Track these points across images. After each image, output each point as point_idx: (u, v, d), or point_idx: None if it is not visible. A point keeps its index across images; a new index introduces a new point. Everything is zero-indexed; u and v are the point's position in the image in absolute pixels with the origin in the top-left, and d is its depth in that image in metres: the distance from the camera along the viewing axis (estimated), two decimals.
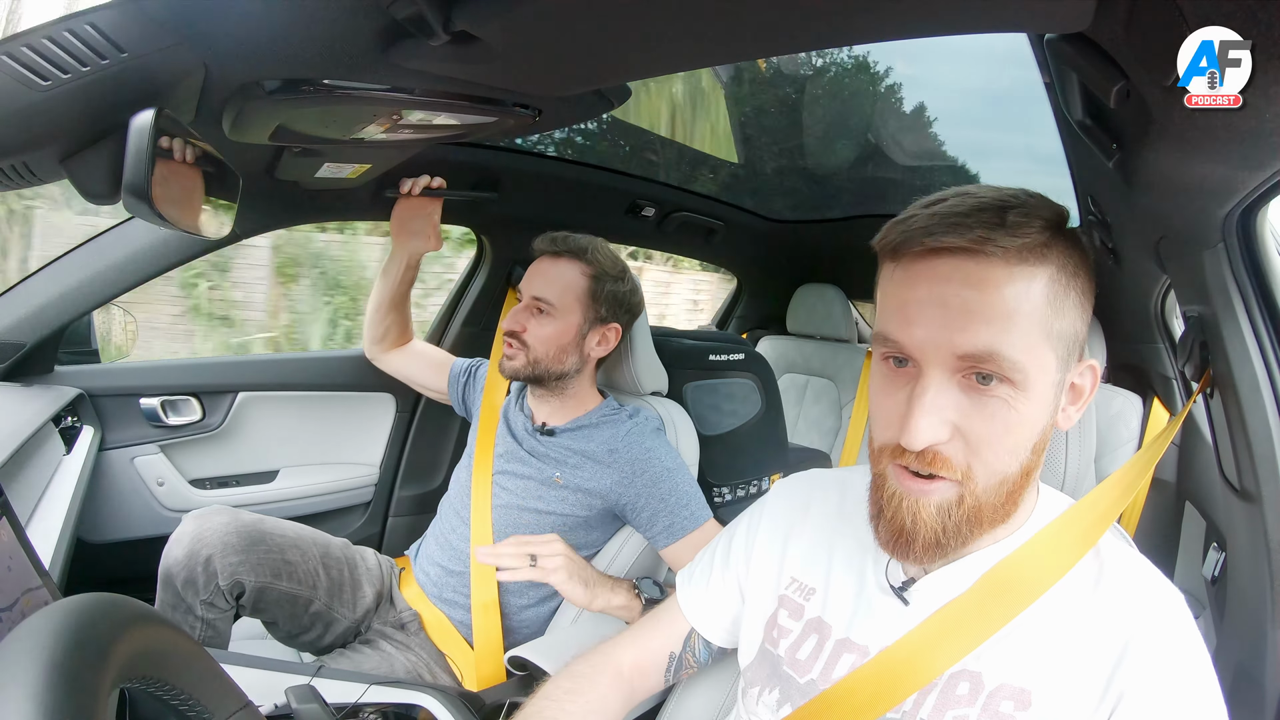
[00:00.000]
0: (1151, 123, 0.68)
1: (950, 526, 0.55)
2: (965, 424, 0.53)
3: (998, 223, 0.52)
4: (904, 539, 0.56)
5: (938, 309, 0.53)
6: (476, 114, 0.99)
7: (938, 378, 0.53)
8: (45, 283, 1.31)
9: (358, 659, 1.17)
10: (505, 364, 1.26)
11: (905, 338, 0.54)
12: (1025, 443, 0.55)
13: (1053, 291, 0.53)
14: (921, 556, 0.56)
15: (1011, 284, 0.52)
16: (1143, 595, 0.56)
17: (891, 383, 0.56)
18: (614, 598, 1.05)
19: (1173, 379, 1.60)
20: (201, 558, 1.11)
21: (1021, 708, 0.55)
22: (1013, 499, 0.57)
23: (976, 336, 0.51)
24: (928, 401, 0.52)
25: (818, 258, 2.56)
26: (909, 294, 0.55)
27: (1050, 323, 0.53)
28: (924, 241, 0.53)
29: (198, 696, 0.44)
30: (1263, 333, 0.91)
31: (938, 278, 0.53)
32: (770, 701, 0.67)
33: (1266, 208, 0.84)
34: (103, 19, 0.62)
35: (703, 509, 1.19)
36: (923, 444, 0.53)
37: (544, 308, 1.24)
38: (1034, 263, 0.53)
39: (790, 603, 0.70)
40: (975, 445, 0.53)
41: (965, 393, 0.53)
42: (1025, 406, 0.53)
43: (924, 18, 0.71)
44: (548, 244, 1.27)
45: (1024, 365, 0.52)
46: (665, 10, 0.71)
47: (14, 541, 0.64)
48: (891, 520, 0.57)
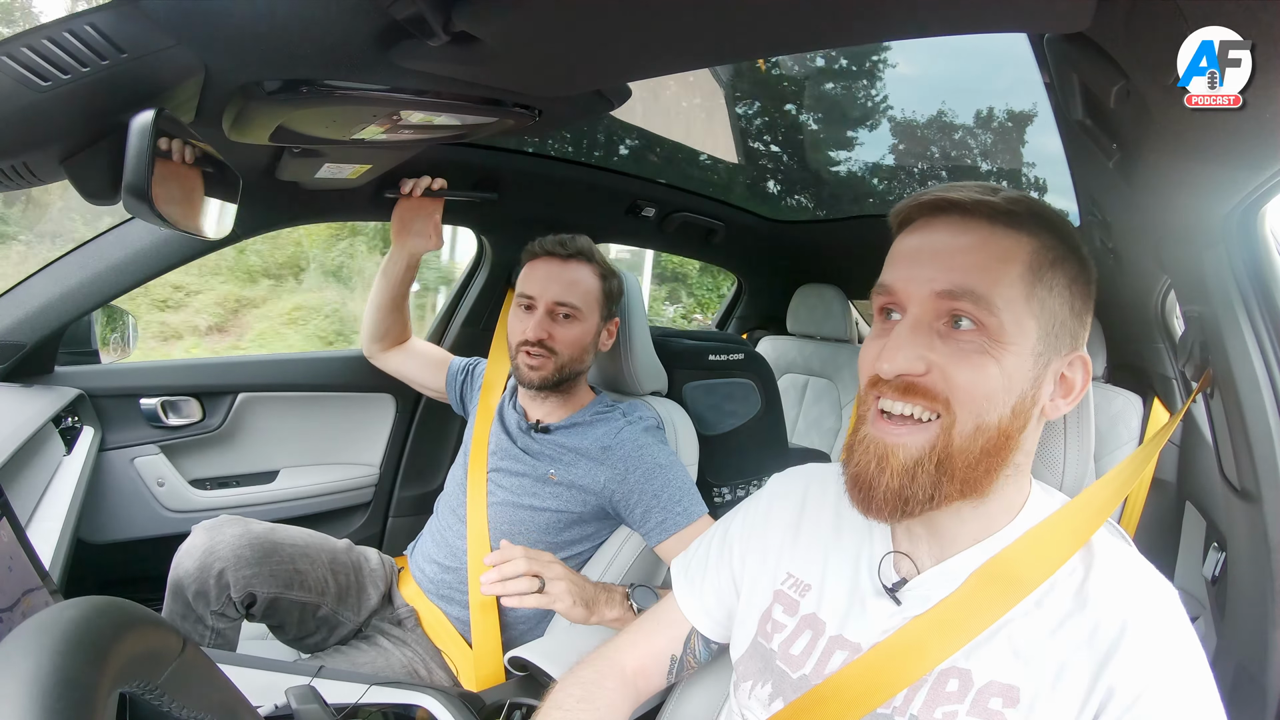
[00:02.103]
0: (1151, 123, 0.68)
1: (919, 479, 0.56)
2: (944, 363, 0.56)
3: (992, 194, 0.58)
4: (866, 484, 0.58)
5: (925, 253, 0.59)
6: (476, 114, 0.99)
7: (915, 316, 0.57)
8: (45, 283, 1.30)
9: (354, 655, 1.18)
10: (531, 373, 1.23)
11: (891, 278, 0.60)
12: (1003, 395, 0.56)
13: (1036, 261, 0.57)
14: (882, 507, 0.57)
15: (995, 242, 0.57)
16: (1134, 591, 0.56)
17: (878, 331, 0.61)
18: (609, 611, 1.05)
19: (1173, 379, 1.60)
20: (214, 571, 1.10)
21: (1010, 704, 0.55)
22: (987, 465, 0.57)
23: (952, 275, 0.56)
24: (906, 334, 0.57)
25: (818, 258, 2.56)
26: (906, 245, 0.61)
27: (1031, 287, 0.56)
28: (927, 200, 0.60)
29: (197, 699, 0.44)
30: (1263, 333, 0.91)
31: (931, 230, 0.60)
32: (763, 696, 0.67)
33: (1266, 208, 0.84)
34: (102, 20, 0.62)
35: (696, 505, 1.19)
36: (893, 371, 0.56)
37: (570, 312, 1.25)
38: (1021, 231, 0.58)
39: (785, 598, 0.70)
40: (952, 384, 0.55)
41: (944, 339, 0.57)
42: (1003, 357, 0.55)
43: (924, 18, 0.70)
44: (556, 247, 1.27)
45: (998, 309, 0.55)
46: (665, 10, 0.71)
47: (14, 542, 0.64)
48: (857, 464, 0.59)
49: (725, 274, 2.94)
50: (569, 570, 1.02)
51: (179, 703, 0.41)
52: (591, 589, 1.04)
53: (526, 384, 1.26)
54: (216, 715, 0.44)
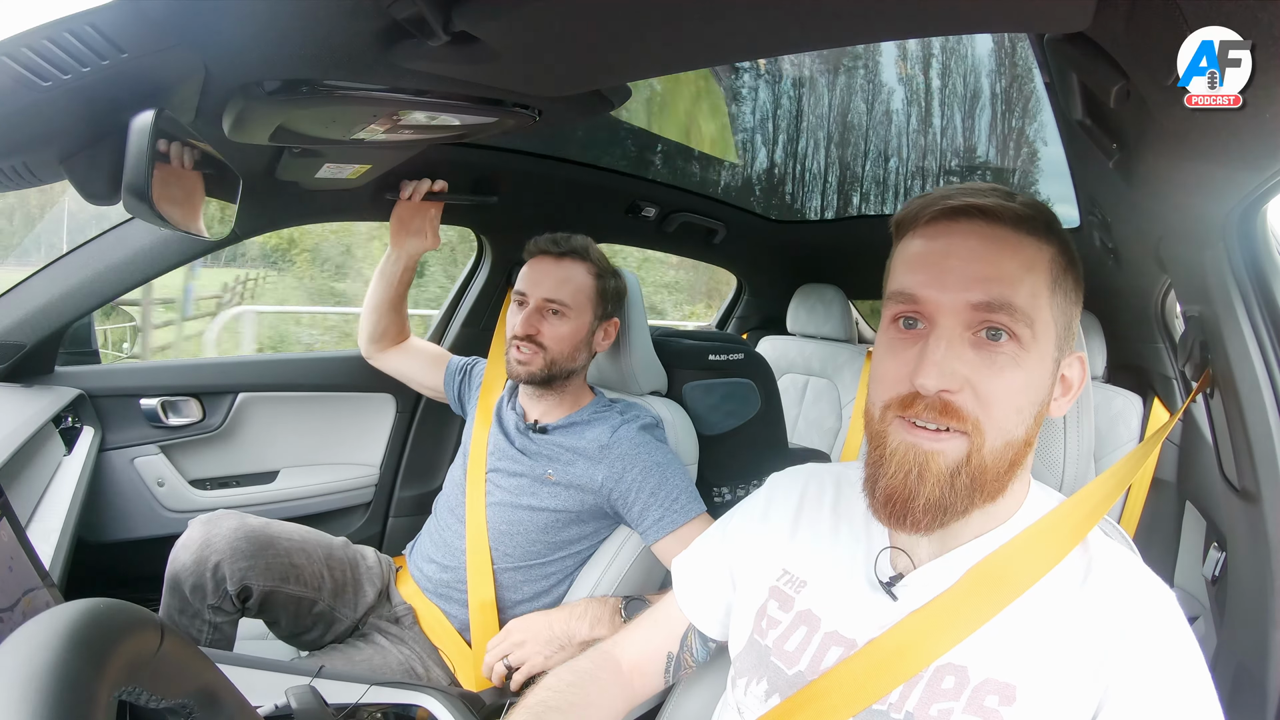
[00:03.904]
0: (1151, 123, 0.68)
1: (957, 487, 0.55)
2: (975, 378, 0.54)
3: (1009, 197, 0.58)
4: (903, 497, 0.55)
5: (955, 261, 0.56)
6: (476, 114, 0.99)
7: (949, 330, 0.55)
8: (45, 284, 1.31)
9: (351, 653, 1.18)
10: (519, 368, 1.25)
11: (920, 290, 0.56)
12: (1030, 406, 0.56)
13: (1056, 268, 0.57)
14: (920, 519, 0.55)
15: (1023, 248, 0.56)
16: (1131, 591, 0.57)
17: (899, 344, 0.58)
18: (596, 630, 1.09)
19: (1173, 379, 1.60)
20: (210, 564, 1.11)
21: (1006, 702, 0.55)
22: (1013, 470, 0.57)
23: (990, 287, 0.54)
24: (942, 348, 0.54)
25: (818, 258, 2.56)
26: (927, 250, 0.57)
27: (1053, 296, 0.57)
28: (944, 202, 0.57)
29: (197, 701, 0.44)
30: (1263, 333, 0.91)
31: (955, 233, 0.57)
32: (759, 692, 0.67)
33: (1266, 208, 0.84)
34: (103, 20, 0.62)
35: (693, 502, 1.19)
36: (936, 386, 0.54)
37: (559, 309, 1.26)
38: (1041, 239, 0.57)
39: (780, 594, 0.70)
40: (985, 400, 0.54)
41: (975, 349, 0.55)
42: (1031, 366, 0.55)
43: (925, 17, 0.71)
44: (549, 245, 1.28)
45: (1032, 321, 0.55)
46: (665, 10, 0.71)
47: (14, 542, 0.64)
48: (893, 476, 0.56)
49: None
50: (524, 628, 1.10)
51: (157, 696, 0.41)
52: (562, 625, 1.10)
53: (515, 378, 1.28)
54: (197, 700, 0.44)
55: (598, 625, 1.10)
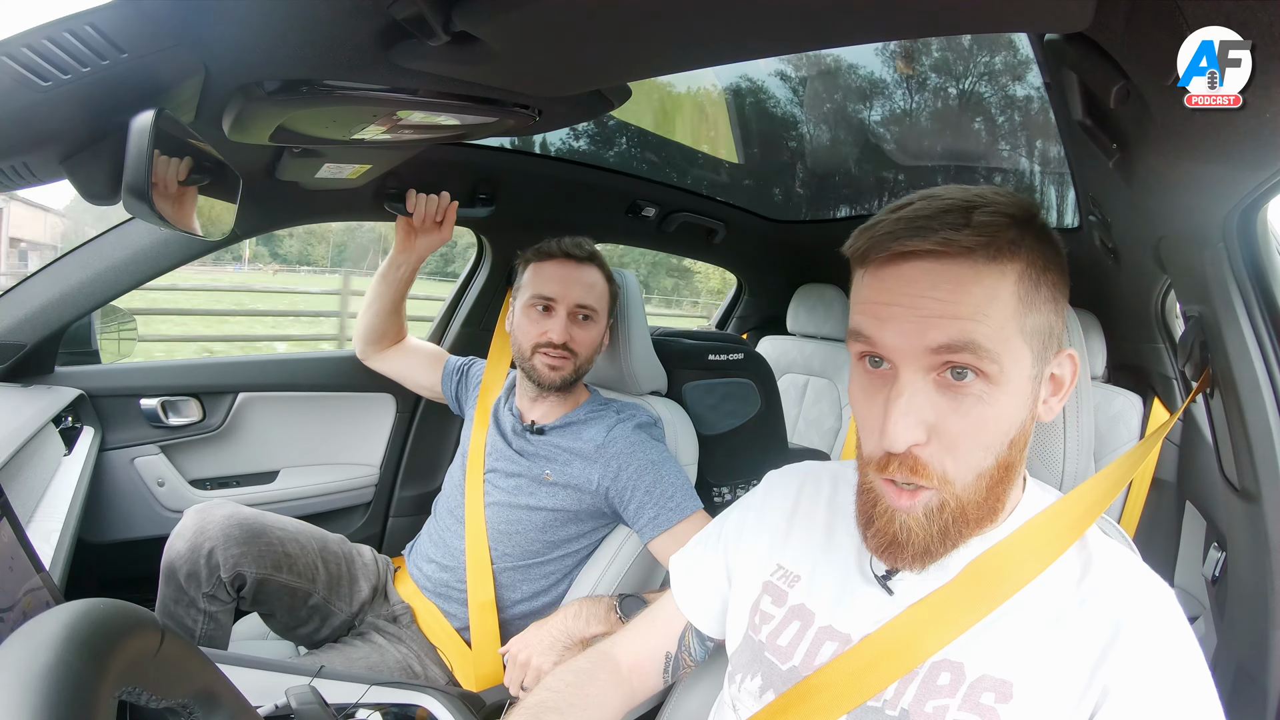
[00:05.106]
0: (1151, 123, 0.68)
1: (938, 531, 0.56)
2: (941, 423, 0.53)
3: (964, 223, 0.52)
4: (894, 546, 0.57)
5: (908, 311, 0.53)
6: (476, 114, 0.99)
7: (911, 378, 0.53)
8: (45, 284, 1.31)
9: (349, 651, 1.18)
10: (552, 374, 1.25)
11: (878, 336, 0.55)
12: (1000, 438, 0.55)
13: (1023, 288, 0.54)
14: (912, 563, 0.57)
15: (979, 283, 0.52)
16: (1129, 589, 0.56)
17: (871, 386, 0.57)
18: (592, 627, 1.09)
19: (1173, 379, 1.60)
20: (204, 550, 1.11)
21: (1003, 700, 0.54)
22: (995, 494, 0.57)
23: (949, 327, 0.52)
24: (904, 403, 0.53)
25: (818, 258, 2.56)
26: (879, 298, 0.55)
27: (1023, 318, 0.54)
28: (890, 247, 0.53)
29: (197, 701, 0.44)
30: (1263, 333, 0.91)
31: (905, 280, 0.53)
32: (753, 688, 0.67)
33: (1266, 208, 0.84)
34: (103, 19, 0.62)
35: (690, 500, 1.19)
36: (903, 445, 0.53)
37: (589, 314, 1.27)
38: (1003, 260, 0.53)
39: (774, 589, 0.70)
40: (950, 444, 0.54)
41: (940, 390, 0.54)
42: (1001, 401, 0.53)
43: (925, 18, 0.71)
44: (574, 248, 1.28)
45: (998, 355, 0.52)
46: (664, 10, 0.71)
47: (14, 542, 0.64)
48: (883, 531, 0.58)
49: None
50: (527, 641, 1.10)
51: (157, 696, 0.41)
52: (560, 625, 1.10)
53: (547, 385, 1.26)
54: (196, 701, 0.44)
55: (593, 622, 1.10)
